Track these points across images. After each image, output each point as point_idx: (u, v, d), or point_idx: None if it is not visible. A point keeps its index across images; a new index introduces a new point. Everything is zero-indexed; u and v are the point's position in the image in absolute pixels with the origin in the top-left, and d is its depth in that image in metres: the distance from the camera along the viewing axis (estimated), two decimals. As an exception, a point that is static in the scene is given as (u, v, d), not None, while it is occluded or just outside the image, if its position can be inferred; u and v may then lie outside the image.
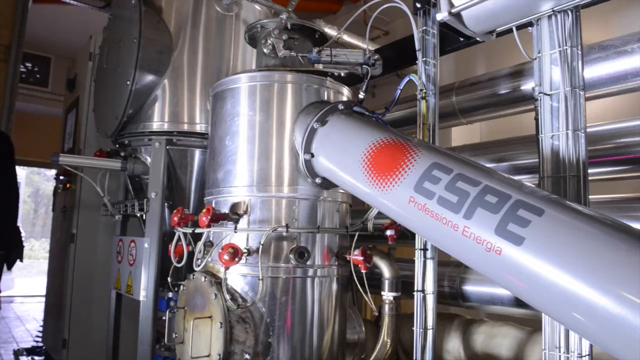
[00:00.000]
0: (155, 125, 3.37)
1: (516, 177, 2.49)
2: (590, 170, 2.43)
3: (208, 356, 2.36)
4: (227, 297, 2.30)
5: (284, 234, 2.41)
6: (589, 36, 2.72)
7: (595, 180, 2.53)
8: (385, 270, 2.57)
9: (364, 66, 2.57)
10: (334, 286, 2.57)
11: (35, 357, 5.04)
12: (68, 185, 4.43)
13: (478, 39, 2.14)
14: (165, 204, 3.37)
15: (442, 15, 1.96)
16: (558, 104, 1.87)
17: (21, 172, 9.96)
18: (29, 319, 7.92)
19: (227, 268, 2.27)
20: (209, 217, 2.34)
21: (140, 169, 3.38)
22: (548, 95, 1.88)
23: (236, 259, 2.24)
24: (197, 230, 2.44)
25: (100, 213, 3.90)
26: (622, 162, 2.38)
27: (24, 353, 5.08)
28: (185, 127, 3.38)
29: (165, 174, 3.28)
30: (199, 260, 2.46)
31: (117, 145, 3.57)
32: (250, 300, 2.37)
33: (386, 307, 2.57)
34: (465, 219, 1.63)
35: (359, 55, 2.57)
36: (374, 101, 5.90)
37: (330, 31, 4.69)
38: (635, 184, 2.81)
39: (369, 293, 2.47)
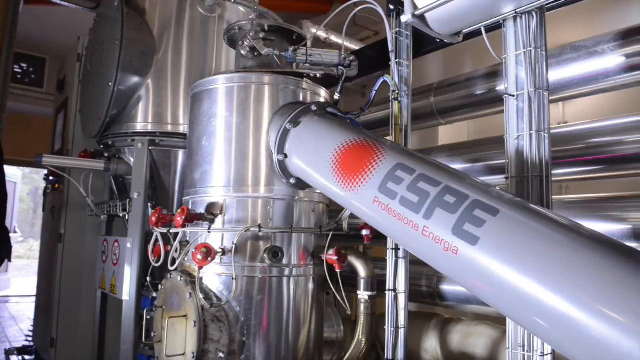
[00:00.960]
0: (139, 126, 3.40)
1: (491, 178, 2.52)
2: (563, 170, 2.47)
3: (183, 355, 2.38)
4: (201, 296, 2.32)
5: (260, 234, 2.43)
6: (573, 36, 2.73)
7: (569, 180, 2.55)
8: (361, 269, 2.59)
9: (339, 67, 2.59)
10: (310, 285, 2.59)
11: (26, 357, 5.07)
12: (57, 185, 4.46)
13: (445, 40, 2.16)
14: (149, 204, 3.39)
15: (405, 18, 1.98)
16: (523, 105, 1.89)
17: (17, 172, 10.01)
18: (23, 319, 7.96)
19: (200, 268, 2.29)
20: (184, 217, 2.36)
21: (123, 170, 3.41)
22: (513, 96, 1.90)
23: (209, 259, 2.26)
24: (172, 230, 2.46)
25: (87, 213, 3.94)
26: (595, 162, 2.40)
27: (15, 352, 5.11)
28: (169, 128, 3.41)
29: (148, 174, 3.30)
30: (175, 260, 2.48)
31: (101, 146, 3.60)
32: (225, 299, 2.39)
33: (362, 306, 2.59)
34: (425, 219, 1.65)
35: (335, 56, 2.59)
36: (364, 101, 5.90)
37: (318, 31, 4.71)
38: (621, 183, 2.83)
39: (343, 292, 2.49)
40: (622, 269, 1.26)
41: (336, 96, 2.58)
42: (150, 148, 3.33)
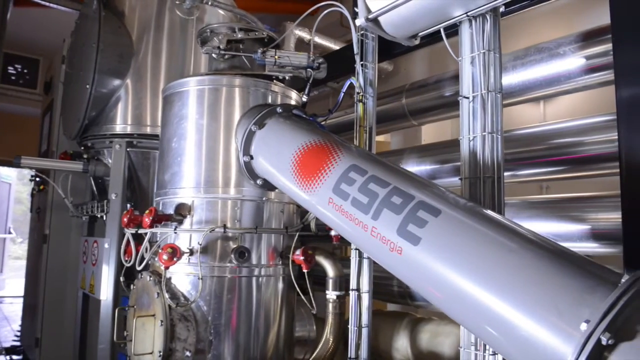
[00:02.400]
0: (118, 128, 3.44)
1: (458, 178, 2.53)
2: (530, 171, 2.49)
3: (151, 353, 2.41)
4: (167, 295, 2.35)
5: (229, 234, 2.46)
6: (554, 37, 2.75)
7: (536, 180, 2.58)
8: (329, 269, 2.61)
9: (307, 69, 2.62)
10: (280, 285, 2.62)
11: (14, 357, 5.12)
12: (42, 187, 4.51)
13: (403, 43, 2.18)
14: (128, 205, 3.43)
15: (359, 21, 2.01)
16: (477, 107, 1.91)
17: (12, 173, 10.08)
18: (16, 319, 8.01)
19: (166, 267, 2.32)
20: (151, 217, 2.40)
21: (102, 171, 3.45)
22: (467, 98, 1.93)
23: (174, 259, 2.30)
24: (140, 231, 2.50)
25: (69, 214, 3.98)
26: (560, 162, 2.42)
27: (3, 352, 5.16)
28: (148, 130, 3.44)
29: (126, 175, 3.34)
30: (143, 260, 2.51)
31: (82, 148, 3.64)
32: (192, 299, 2.42)
33: (330, 306, 2.61)
34: (373, 220, 1.68)
35: (303, 59, 2.62)
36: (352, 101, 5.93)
37: (301, 33, 4.73)
38: (603, 182, 2.83)
39: (310, 292, 2.52)
40: (549, 269, 1.29)
41: (304, 98, 2.60)
42: (128, 149, 3.36)
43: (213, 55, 2.76)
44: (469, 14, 1.83)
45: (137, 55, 3.48)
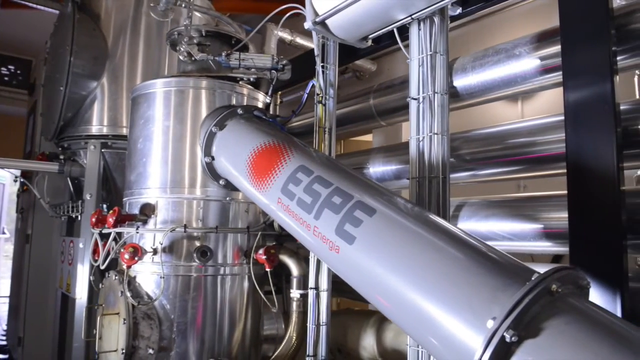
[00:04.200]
0: (94, 129, 3.48)
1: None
2: (487, 171, 2.52)
3: (115, 351, 2.45)
4: (129, 294, 2.39)
5: (195, 234, 2.50)
6: None
7: (492, 180, 2.60)
8: (293, 268, 2.65)
9: (272, 71, 2.65)
10: (245, 284, 2.66)
11: (0, 355, 5.17)
12: (25, 187, 4.55)
13: (355, 45, 2.21)
14: (104, 205, 3.47)
15: (307, 25, 2.04)
16: (425, 108, 1.94)
17: (7, 173, 10.10)
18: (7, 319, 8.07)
19: (128, 266, 2.36)
20: (115, 217, 2.44)
21: (77, 172, 3.49)
22: (415, 99, 1.96)
23: (136, 258, 2.34)
24: (104, 231, 2.54)
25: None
26: (516, 162, 2.44)
27: (-10, 351, 5.22)
28: (124, 131, 3.48)
29: (101, 176, 3.38)
30: (113, 261, 2.55)
31: (60, 149, 3.68)
32: (155, 297, 2.46)
33: (294, 304, 2.64)
34: (315, 219, 1.71)
35: (267, 61, 2.65)
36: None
37: (282, 34, 4.76)
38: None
39: (273, 291, 2.55)
40: (470, 268, 1.32)
41: (267, 99, 2.64)
42: (103, 150, 3.40)
43: (180, 57, 2.79)
44: (413, 16, 1.86)
45: (113, 58, 3.52)
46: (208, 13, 3.60)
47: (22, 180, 4.65)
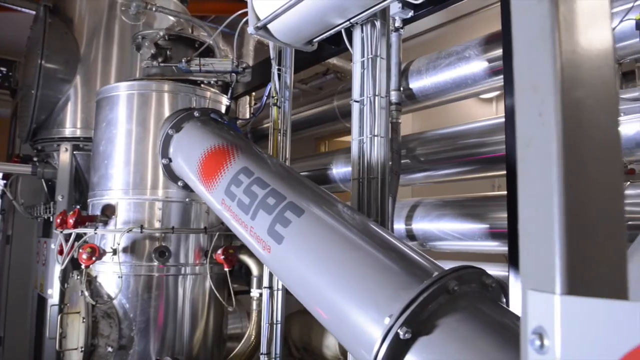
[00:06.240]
0: (67, 131, 3.53)
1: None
2: (442, 172, 2.55)
3: (76, 349, 2.51)
4: (87, 293, 2.44)
5: (156, 234, 2.55)
6: None
7: (448, 181, 2.64)
8: (253, 268, 2.69)
9: (232, 74, 2.70)
10: (207, 284, 2.70)
11: (-15, 354, 5.23)
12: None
13: (301, 49, 2.25)
14: (77, 207, 3.52)
15: (250, 29, 2.08)
16: (366, 110, 1.98)
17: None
18: None
19: (86, 266, 2.42)
20: (74, 218, 2.49)
21: (50, 174, 3.54)
22: (357, 102, 2.00)
23: (93, 258, 2.39)
24: (65, 232, 2.59)
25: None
26: (469, 162, 2.48)
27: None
28: (97, 133, 3.52)
29: (72, 178, 3.43)
30: (65, 260, 2.60)
31: (34, 151, 3.74)
32: (115, 296, 2.51)
33: (254, 304, 2.68)
34: (252, 220, 1.76)
35: (227, 64, 2.70)
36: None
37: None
38: None
39: (232, 291, 2.60)
40: (381, 267, 1.36)
41: (227, 102, 2.68)
42: (75, 152, 3.46)
43: (142, 65, 2.84)
44: (352, 21, 1.90)
45: (86, 61, 3.57)
46: (179, 16, 3.65)
47: (4, 181, 4.71)
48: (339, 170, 3.02)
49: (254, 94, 4.20)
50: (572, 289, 0.53)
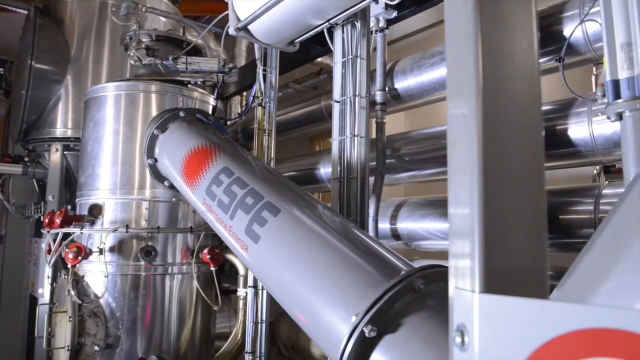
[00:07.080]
0: (58, 132, 3.55)
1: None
2: (423, 172, 2.56)
3: (63, 348, 2.52)
4: (73, 292, 2.46)
5: (143, 234, 2.57)
6: None
7: (433, 180, 2.65)
8: (240, 267, 2.70)
9: (218, 74, 2.71)
10: (194, 283, 2.72)
11: (-20, 354, 5.25)
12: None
13: (283, 50, 2.27)
14: (67, 207, 3.53)
15: (231, 31, 2.09)
16: (346, 110, 1.99)
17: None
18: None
19: (73, 266, 2.43)
20: (61, 218, 2.50)
21: (41, 174, 3.56)
22: (338, 102, 2.01)
23: (79, 258, 2.40)
24: (52, 231, 2.60)
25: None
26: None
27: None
28: (88, 133, 3.54)
29: (63, 177, 3.45)
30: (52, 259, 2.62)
31: (26, 151, 3.76)
32: (101, 295, 2.52)
33: (240, 303, 2.70)
34: (230, 219, 1.77)
35: (214, 64, 2.70)
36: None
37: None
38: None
39: (218, 289, 2.61)
40: (352, 266, 1.38)
41: (213, 102, 2.69)
42: (65, 152, 3.47)
43: (130, 61, 2.86)
44: (331, 22, 1.91)
45: (77, 61, 3.58)
46: (169, 17, 3.66)
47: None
48: (327, 170, 3.04)
49: (244, 94, 4.21)
50: (490, 287, 0.55)
